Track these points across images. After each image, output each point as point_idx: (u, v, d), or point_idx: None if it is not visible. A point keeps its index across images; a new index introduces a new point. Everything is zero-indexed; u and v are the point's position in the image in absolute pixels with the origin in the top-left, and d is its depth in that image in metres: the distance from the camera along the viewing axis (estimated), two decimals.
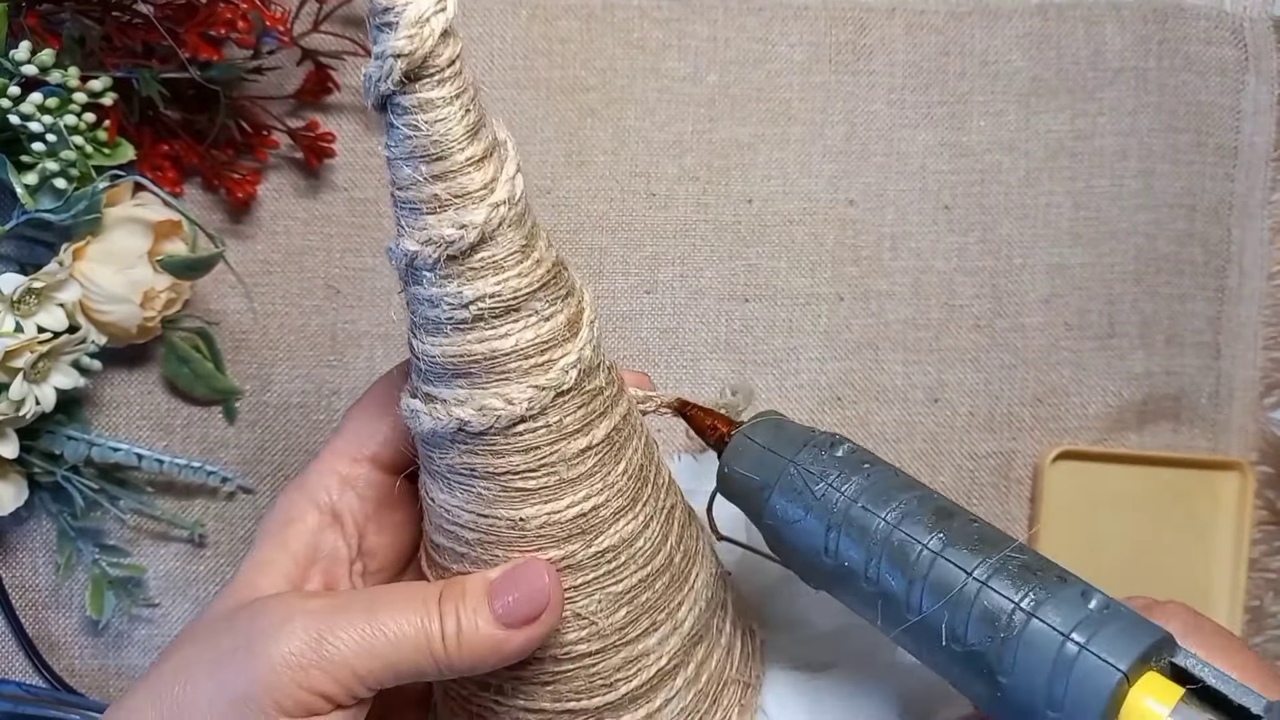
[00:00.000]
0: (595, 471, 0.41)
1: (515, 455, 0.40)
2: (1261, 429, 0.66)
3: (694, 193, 0.64)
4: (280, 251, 0.63)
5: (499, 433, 0.39)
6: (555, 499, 0.40)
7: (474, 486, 0.40)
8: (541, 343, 0.39)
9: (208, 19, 0.55)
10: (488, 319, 0.38)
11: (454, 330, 0.38)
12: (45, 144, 0.53)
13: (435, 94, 0.36)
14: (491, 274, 0.38)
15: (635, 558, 0.42)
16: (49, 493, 0.60)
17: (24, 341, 0.54)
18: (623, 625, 0.42)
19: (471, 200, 0.37)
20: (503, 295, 0.38)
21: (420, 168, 0.37)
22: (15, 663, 0.62)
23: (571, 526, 0.41)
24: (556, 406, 0.40)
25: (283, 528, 0.43)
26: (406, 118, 0.37)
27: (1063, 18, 0.64)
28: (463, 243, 0.37)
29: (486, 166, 0.38)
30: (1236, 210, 0.66)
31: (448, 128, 0.37)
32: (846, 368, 0.64)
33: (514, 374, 0.39)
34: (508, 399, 0.39)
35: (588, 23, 0.63)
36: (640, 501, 0.42)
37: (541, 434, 0.40)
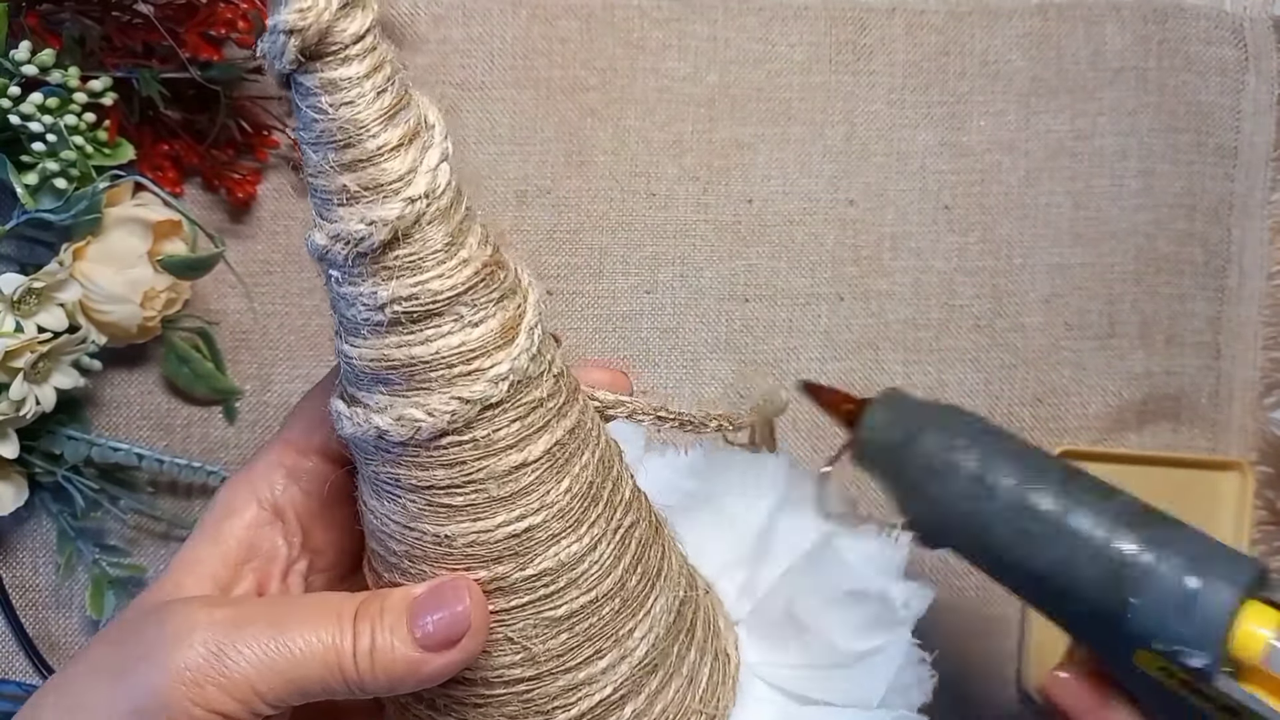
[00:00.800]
0: (532, 490, 0.37)
1: (439, 469, 0.36)
2: (1261, 429, 0.66)
3: (694, 193, 0.64)
4: (280, 251, 0.63)
5: (420, 445, 0.35)
6: (484, 517, 0.36)
7: (399, 498, 0.37)
8: (468, 350, 0.35)
9: (208, 19, 0.55)
10: (405, 323, 0.35)
11: (371, 333, 0.35)
12: (45, 144, 0.53)
13: (340, 74, 0.33)
14: (409, 274, 0.34)
15: (578, 582, 0.38)
16: (49, 493, 0.61)
17: (24, 341, 0.54)
18: (561, 652, 0.38)
19: (385, 193, 0.34)
20: (421, 299, 0.34)
21: (328, 155, 0.33)
22: (16, 663, 0.62)
23: (502, 548, 0.37)
24: (485, 420, 0.36)
25: (218, 522, 0.40)
26: (310, 99, 0.33)
27: (1063, 18, 0.65)
28: (372, 240, 0.33)
29: (404, 155, 0.34)
30: (1236, 210, 0.66)
31: (355, 111, 0.33)
32: (847, 368, 0.64)
33: (436, 383, 0.35)
34: (429, 410, 0.35)
35: (588, 23, 0.63)
36: (587, 523, 0.38)
37: (468, 449, 0.36)
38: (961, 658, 0.65)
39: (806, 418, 0.64)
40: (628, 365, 0.64)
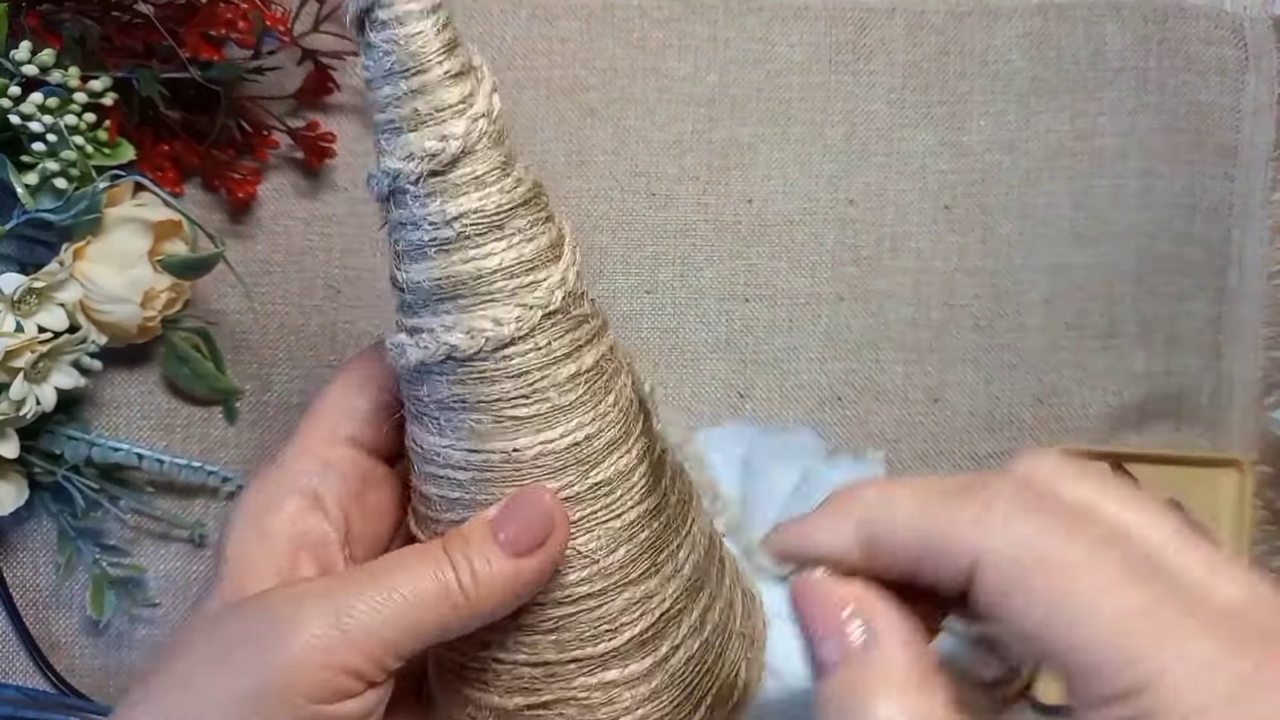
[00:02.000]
0: (586, 400, 0.40)
1: (506, 381, 0.39)
2: (1261, 428, 0.66)
3: (694, 193, 0.64)
4: (281, 252, 0.63)
5: (488, 356, 0.39)
6: (548, 427, 0.40)
7: (465, 421, 0.40)
8: (526, 262, 0.39)
9: (208, 19, 0.55)
10: (471, 236, 0.39)
11: (438, 252, 0.39)
12: (45, 144, 0.53)
13: (411, 6, 0.38)
14: (474, 190, 0.39)
15: (631, 493, 0.41)
16: (49, 493, 0.60)
17: (24, 341, 0.54)
18: (624, 564, 0.41)
19: (452, 113, 0.38)
20: (486, 210, 0.39)
21: (399, 84, 0.38)
22: (16, 663, 0.62)
23: (566, 457, 0.40)
24: (544, 329, 0.40)
25: (259, 520, 0.41)
26: (385, 33, 0.38)
27: (1063, 18, 0.65)
28: (445, 155, 0.38)
29: (464, 82, 0.39)
30: (1236, 210, 0.66)
31: (424, 41, 0.38)
32: (847, 368, 0.64)
33: (500, 295, 0.39)
34: (496, 320, 0.39)
35: (588, 23, 0.63)
36: (632, 437, 0.42)
37: (531, 357, 0.39)
38: None
39: (806, 419, 0.64)
40: None
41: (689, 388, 0.64)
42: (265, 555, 0.40)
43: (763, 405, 0.64)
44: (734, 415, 0.64)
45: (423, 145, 0.38)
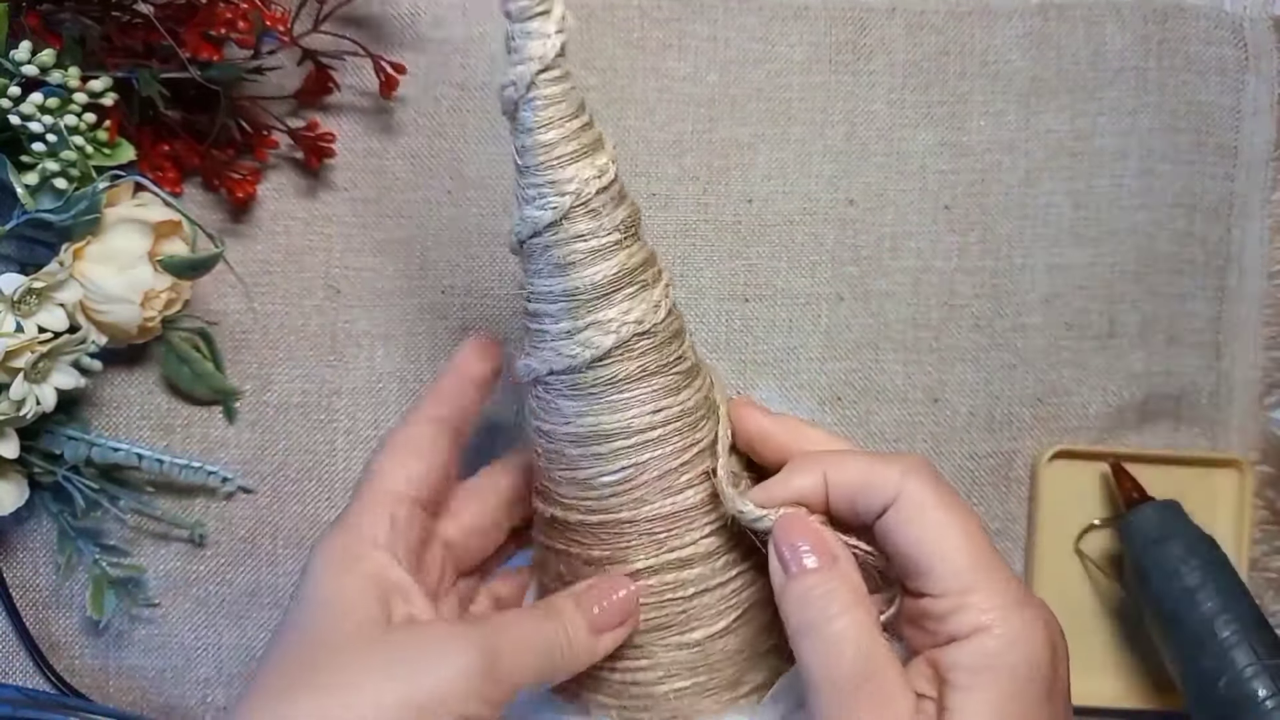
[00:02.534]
0: (695, 373, 0.50)
1: (669, 342, 0.49)
2: (1262, 428, 0.66)
3: (694, 193, 0.64)
4: (280, 251, 0.63)
5: (654, 330, 0.48)
6: (685, 389, 0.49)
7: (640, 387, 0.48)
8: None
9: (208, 19, 0.55)
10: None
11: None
12: (45, 144, 0.53)
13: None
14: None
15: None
16: (49, 493, 0.61)
17: (24, 341, 0.54)
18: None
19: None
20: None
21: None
22: (16, 663, 0.62)
23: (700, 412, 0.49)
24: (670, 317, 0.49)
25: (352, 567, 0.46)
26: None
27: (1063, 17, 0.64)
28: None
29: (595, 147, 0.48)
30: (1236, 210, 0.66)
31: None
32: (847, 368, 0.64)
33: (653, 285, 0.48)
34: (655, 304, 0.48)
35: (588, 22, 0.63)
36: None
37: (666, 332, 0.49)
38: None
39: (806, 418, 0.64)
40: None
41: None
42: (366, 598, 0.45)
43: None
44: None
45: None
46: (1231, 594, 0.58)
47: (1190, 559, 0.59)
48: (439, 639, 0.44)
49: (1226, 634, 0.57)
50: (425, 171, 0.63)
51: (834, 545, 0.45)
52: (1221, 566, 0.59)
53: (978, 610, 0.42)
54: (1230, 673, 0.56)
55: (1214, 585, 0.58)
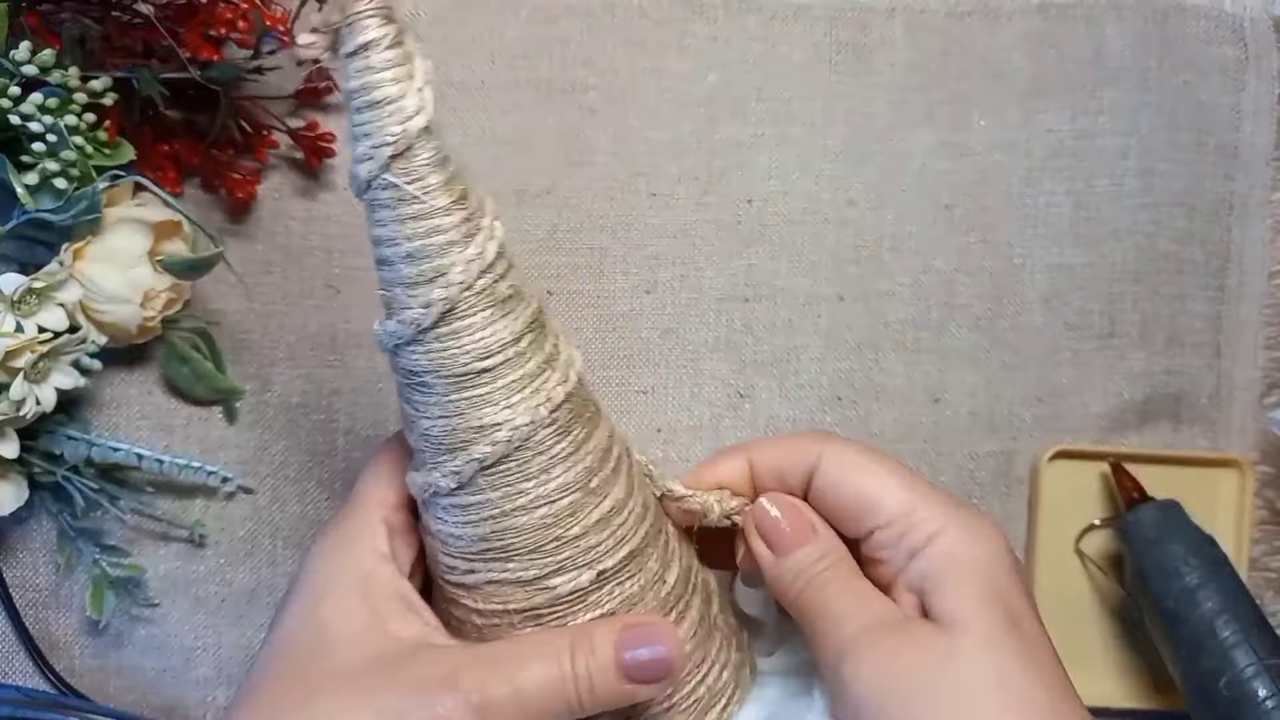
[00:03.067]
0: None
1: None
2: (1262, 428, 0.66)
3: (694, 193, 0.64)
4: (280, 251, 0.63)
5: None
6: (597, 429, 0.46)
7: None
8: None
9: (208, 19, 0.55)
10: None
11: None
12: (45, 144, 0.53)
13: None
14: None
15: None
16: (49, 493, 0.60)
17: (24, 341, 0.54)
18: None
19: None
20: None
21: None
22: (16, 663, 0.62)
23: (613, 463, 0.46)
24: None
25: (359, 582, 0.44)
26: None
27: (1063, 17, 0.65)
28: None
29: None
30: (1237, 210, 0.66)
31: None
32: (847, 368, 0.64)
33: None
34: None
35: (588, 22, 0.63)
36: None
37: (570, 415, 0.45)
38: None
39: (806, 419, 0.64)
40: (627, 366, 0.64)
41: (689, 388, 0.64)
42: (374, 619, 0.43)
43: (763, 405, 0.64)
44: (734, 415, 0.64)
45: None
46: (1232, 594, 0.58)
47: (1190, 559, 0.59)
48: (440, 673, 0.41)
49: (1227, 634, 0.57)
50: None
51: (810, 515, 0.47)
52: (1221, 566, 0.59)
53: (925, 521, 0.44)
54: (1231, 673, 0.56)
55: (1214, 585, 0.58)
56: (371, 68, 0.39)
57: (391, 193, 0.40)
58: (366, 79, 0.39)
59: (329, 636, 0.43)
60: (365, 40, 0.39)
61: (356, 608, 0.44)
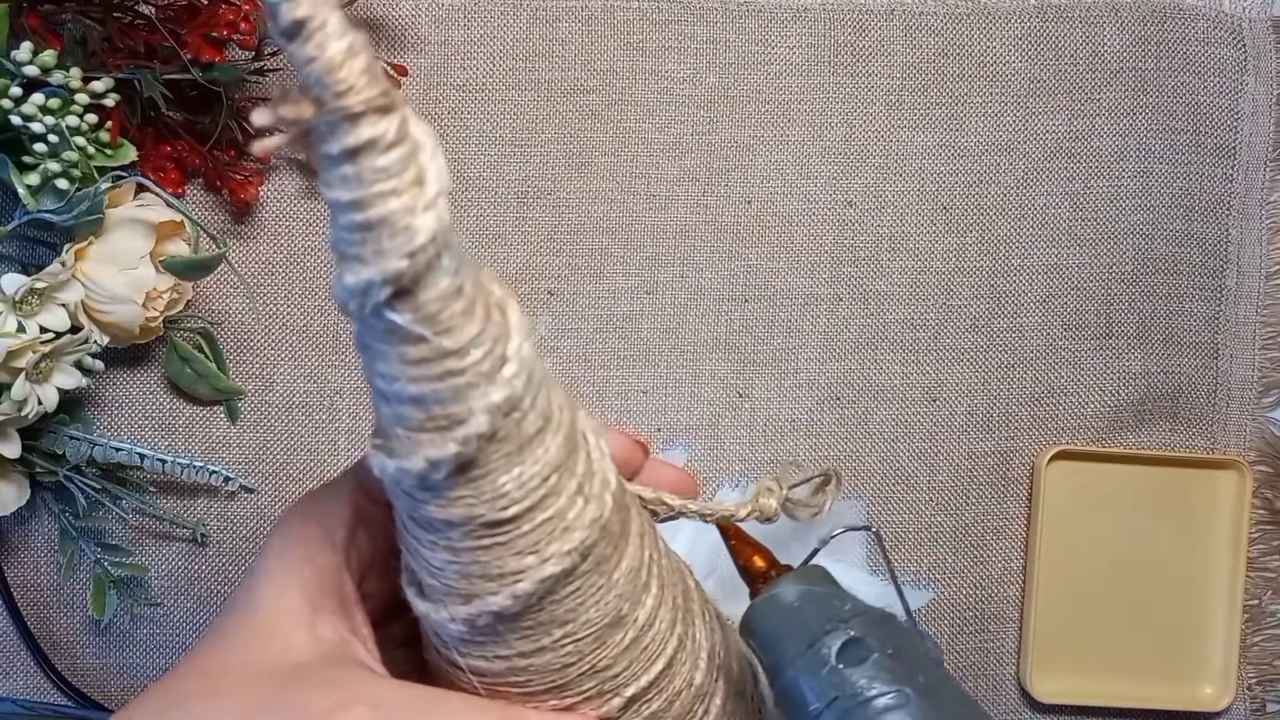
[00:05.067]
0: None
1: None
2: (1259, 428, 0.66)
3: (694, 194, 0.64)
4: (282, 252, 0.63)
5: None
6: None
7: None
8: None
9: (210, 20, 0.55)
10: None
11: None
12: (47, 145, 0.53)
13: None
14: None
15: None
16: (51, 492, 0.61)
17: (26, 342, 0.54)
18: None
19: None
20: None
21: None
22: (18, 662, 0.62)
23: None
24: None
25: (300, 566, 0.39)
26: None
27: (1061, 19, 0.65)
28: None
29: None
30: (1234, 210, 0.66)
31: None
32: (845, 368, 0.64)
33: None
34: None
35: (588, 25, 0.63)
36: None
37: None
38: (961, 657, 0.65)
39: (806, 418, 0.64)
40: (627, 366, 0.64)
41: (689, 388, 0.64)
42: (299, 611, 0.38)
43: (762, 405, 0.64)
44: (734, 415, 0.64)
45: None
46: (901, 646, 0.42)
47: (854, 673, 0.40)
48: (331, 703, 0.35)
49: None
50: None
51: None
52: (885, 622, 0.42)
53: None
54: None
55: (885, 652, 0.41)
56: (364, 180, 0.28)
57: (393, 329, 0.30)
58: (357, 193, 0.28)
59: (249, 622, 0.38)
60: (355, 144, 0.28)
61: (286, 595, 0.38)
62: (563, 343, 0.64)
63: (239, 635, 0.38)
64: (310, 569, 0.38)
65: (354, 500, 0.40)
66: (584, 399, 0.64)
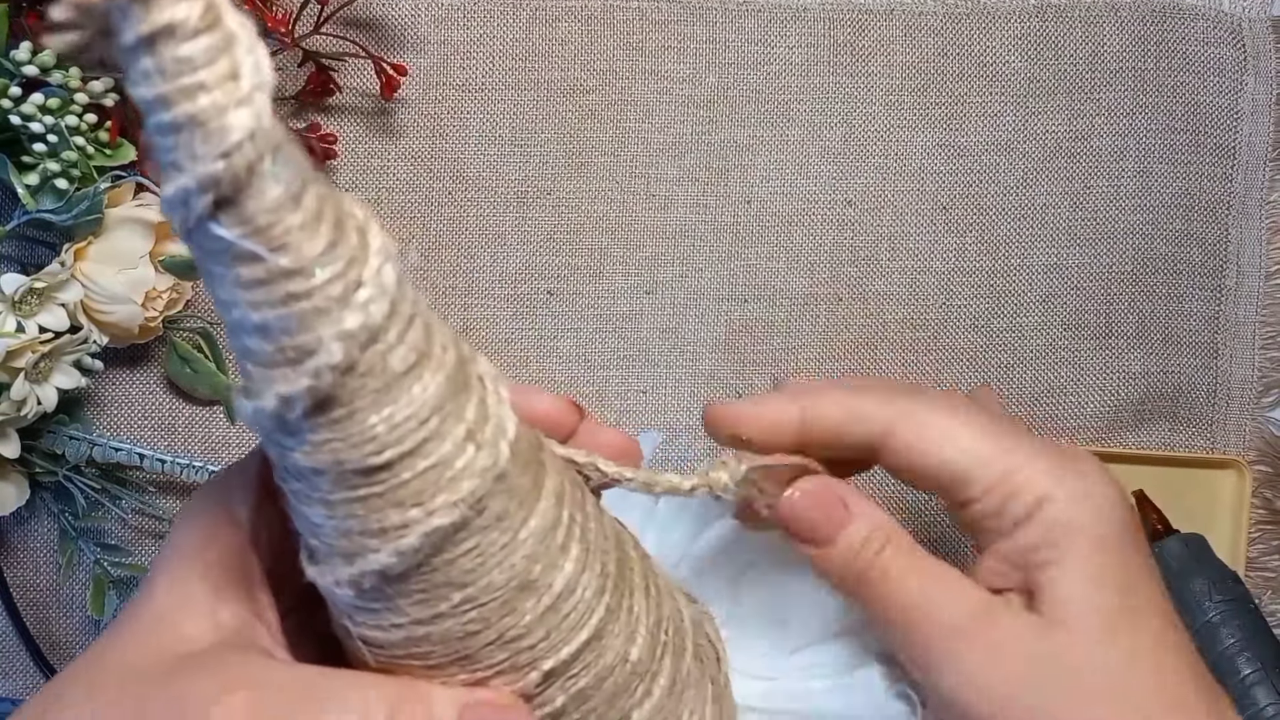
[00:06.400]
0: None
1: None
2: (1259, 428, 0.66)
3: (693, 194, 0.64)
4: None
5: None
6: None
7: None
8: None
9: None
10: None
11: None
12: (46, 145, 0.53)
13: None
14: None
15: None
16: (50, 492, 0.61)
17: (25, 342, 0.54)
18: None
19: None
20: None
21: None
22: (17, 662, 0.62)
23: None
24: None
25: (202, 549, 0.36)
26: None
27: (1060, 19, 0.65)
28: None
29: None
30: (1234, 210, 0.66)
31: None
32: (845, 368, 0.64)
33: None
34: None
35: (588, 25, 0.64)
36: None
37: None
38: None
39: None
40: (627, 367, 0.64)
41: (688, 388, 0.64)
42: (203, 597, 0.35)
43: None
44: None
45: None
46: (1253, 631, 0.58)
47: (1213, 594, 0.59)
48: (208, 691, 0.32)
49: (1248, 671, 0.57)
50: (426, 172, 0.63)
51: (839, 492, 0.40)
52: (1244, 603, 0.59)
53: (1029, 484, 0.38)
54: (1251, 710, 0.56)
55: (1236, 622, 0.58)
56: (166, 72, 0.26)
57: (223, 248, 0.28)
58: (160, 87, 0.26)
59: (143, 612, 0.35)
60: (151, 30, 0.25)
61: (182, 582, 0.35)
62: (562, 343, 0.64)
63: (132, 628, 0.35)
64: (213, 551, 0.36)
65: (260, 474, 0.36)
66: (584, 399, 0.63)
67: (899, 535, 0.40)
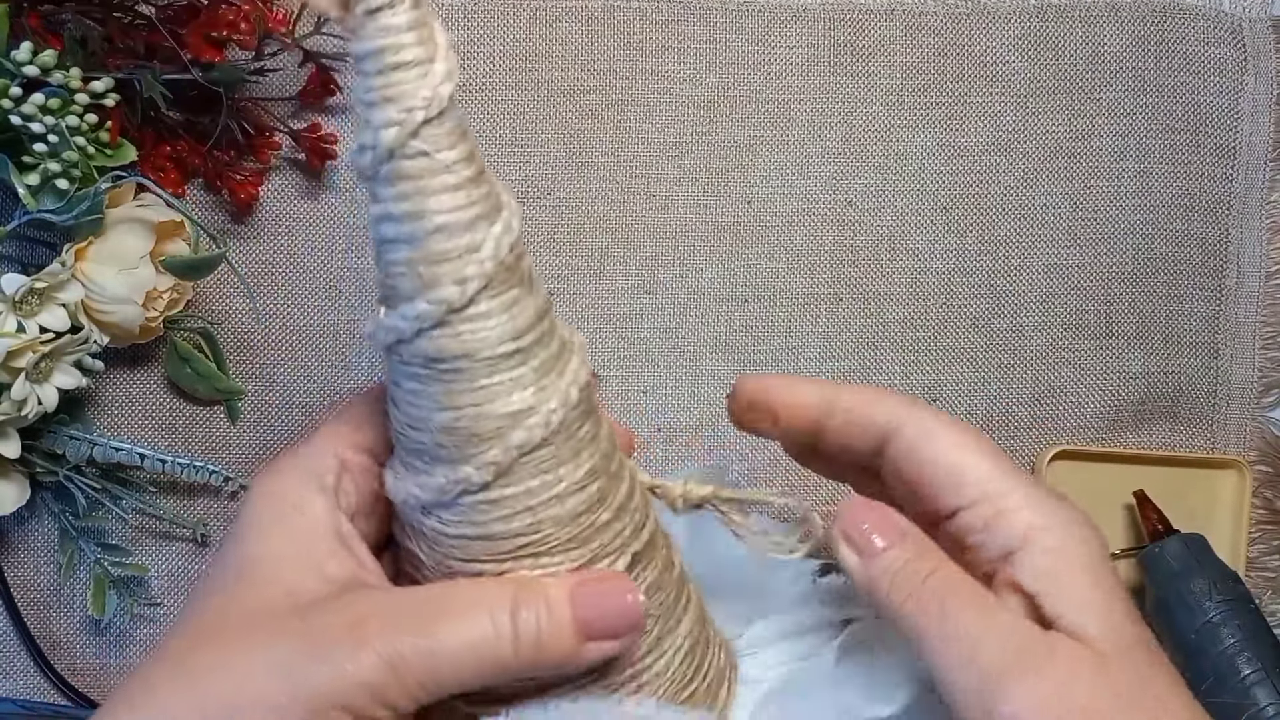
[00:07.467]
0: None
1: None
2: (1259, 428, 0.66)
3: (693, 194, 0.64)
4: (282, 252, 0.63)
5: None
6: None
7: None
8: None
9: (210, 21, 0.55)
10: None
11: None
12: (47, 145, 0.53)
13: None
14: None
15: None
16: (51, 492, 0.61)
17: (26, 342, 0.54)
18: None
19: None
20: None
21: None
22: (17, 662, 0.62)
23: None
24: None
25: (289, 516, 0.39)
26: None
27: (1061, 19, 0.65)
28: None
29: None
30: (1234, 210, 0.66)
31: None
32: (845, 368, 0.64)
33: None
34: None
35: (588, 25, 0.64)
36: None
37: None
38: None
39: None
40: (627, 367, 0.64)
41: (689, 388, 0.64)
42: (302, 555, 0.39)
43: None
44: None
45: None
46: (1254, 631, 0.58)
47: (1213, 594, 0.59)
48: (343, 634, 0.36)
49: (1248, 671, 0.57)
50: None
51: (897, 519, 0.42)
52: (1245, 603, 0.59)
53: (1019, 510, 0.40)
54: (1251, 710, 0.56)
55: (1237, 622, 0.58)
56: (395, 27, 0.36)
57: (420, 162, 0.37)
58: (390, 39, 0.36)
59: (250, 572, 0.38)
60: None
61: (284, 542, 0.39)
62: None
63: (241, 586, 0.38)
64: (302, 516, 0.39)
65: (335, 450, 0.41)
66: None
67: (948, 564, 0.40)
